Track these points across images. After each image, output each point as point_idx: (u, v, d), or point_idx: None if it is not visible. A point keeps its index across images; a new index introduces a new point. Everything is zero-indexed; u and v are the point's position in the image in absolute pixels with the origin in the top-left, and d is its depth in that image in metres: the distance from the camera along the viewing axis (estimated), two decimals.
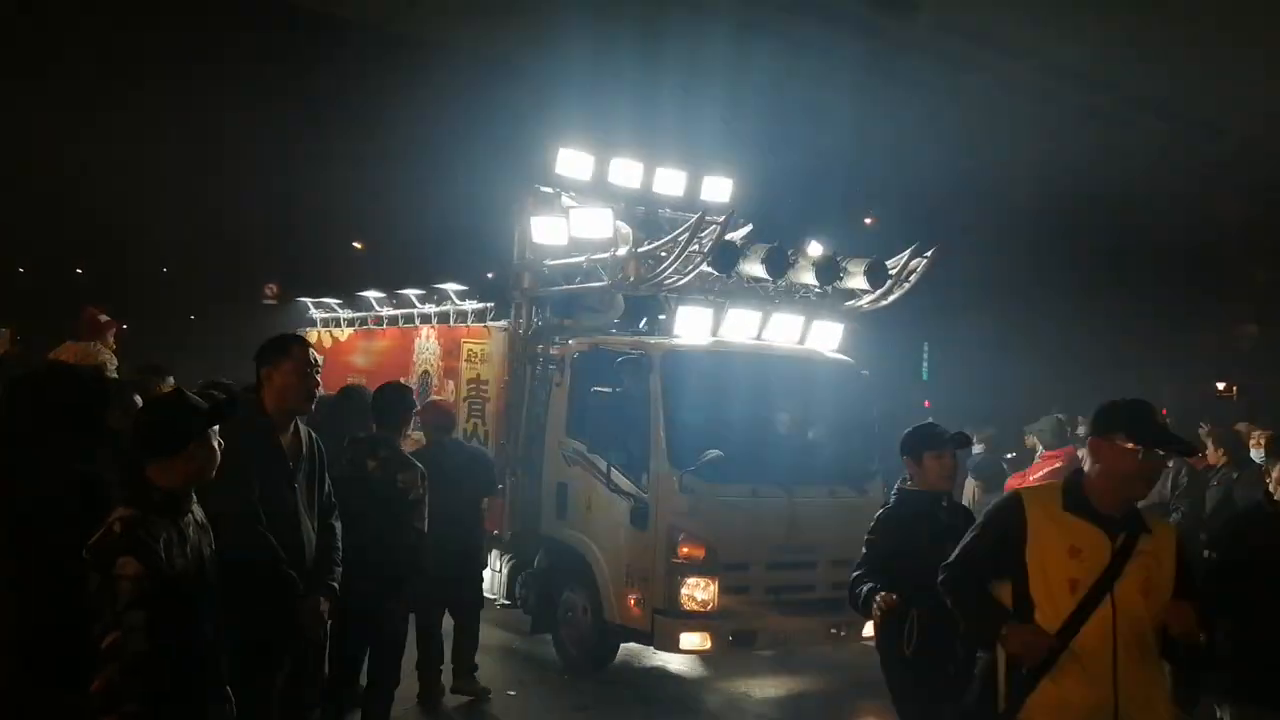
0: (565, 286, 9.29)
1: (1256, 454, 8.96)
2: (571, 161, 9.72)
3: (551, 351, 9.40)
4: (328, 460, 4.94)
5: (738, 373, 8.58)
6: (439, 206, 27.21)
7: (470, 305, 10.22)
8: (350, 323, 12.40)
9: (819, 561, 8.51)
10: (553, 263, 9.37)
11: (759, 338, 8.79)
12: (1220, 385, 27.63)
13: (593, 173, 9.79)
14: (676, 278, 8.33)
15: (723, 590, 8.04)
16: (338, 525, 4.85)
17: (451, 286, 10.44)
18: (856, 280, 8.92)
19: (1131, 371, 20.49)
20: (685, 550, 7.98)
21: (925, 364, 26.40)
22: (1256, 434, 9.90)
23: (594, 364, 8.99)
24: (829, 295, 9.36)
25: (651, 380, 8.24)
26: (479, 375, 9.95)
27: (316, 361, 4.74)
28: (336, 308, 12.72)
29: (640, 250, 8.44)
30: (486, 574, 9.58)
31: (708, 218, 8.84)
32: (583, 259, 9.00)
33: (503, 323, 9.72)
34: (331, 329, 12.77)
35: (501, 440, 9.51)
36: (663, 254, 8.47)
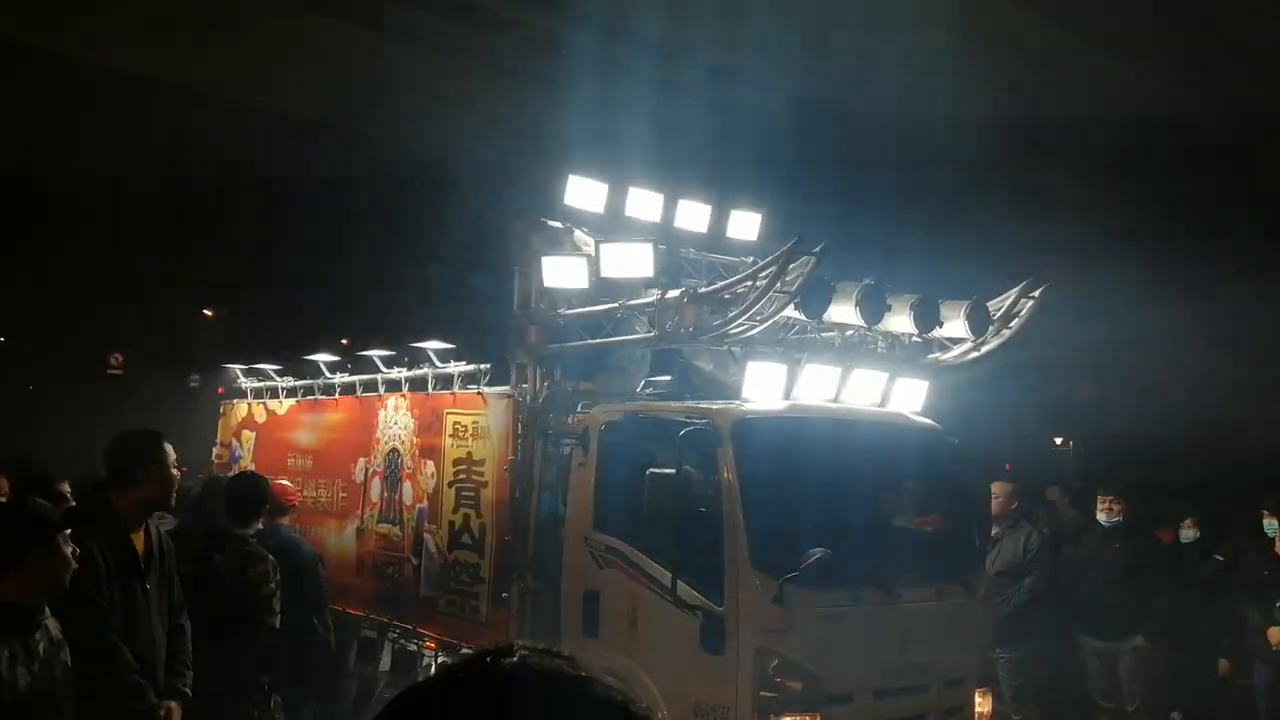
0: (592, 341, 7.37)
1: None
2: (583, 191, 7.89)
3: (570, 423, 7.46)
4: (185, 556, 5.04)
5: (823, 444, 6.76)
6: (401, 249, 24.64)
7: (456, 368, 8.22)
8: (293, 392, 10.24)
9: (931, 685, 6.69)
10: (571, 312, 7.46)
11: (837, 399, 6.99)
12: None
13: (607, 204, 7.97)
14: (749, 325, 6.48)
15: None
16: (187, 625, 4.79)
17: (432, 345, 8.42)
18: (954, 326, 7.21)
19: None
20: (782, 681, 6.07)
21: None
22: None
23: (629, 437, 7.11)
24: (907, 346, 7.64)
25: (721, 456, 6.36)
26: (469, 454, 7.93)
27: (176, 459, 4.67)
28: (274, 375, 10.54)
29: (702, 291, 6.58)
30: None
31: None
32: (615, 305, 7.11)
33: (503, 388, 7.74)
34: (266, 400, 10.58)
35: (506, 537, 7.49)
36: (725, 296, 6.64)
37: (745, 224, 8.58)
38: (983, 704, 7.01)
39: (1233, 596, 8.60)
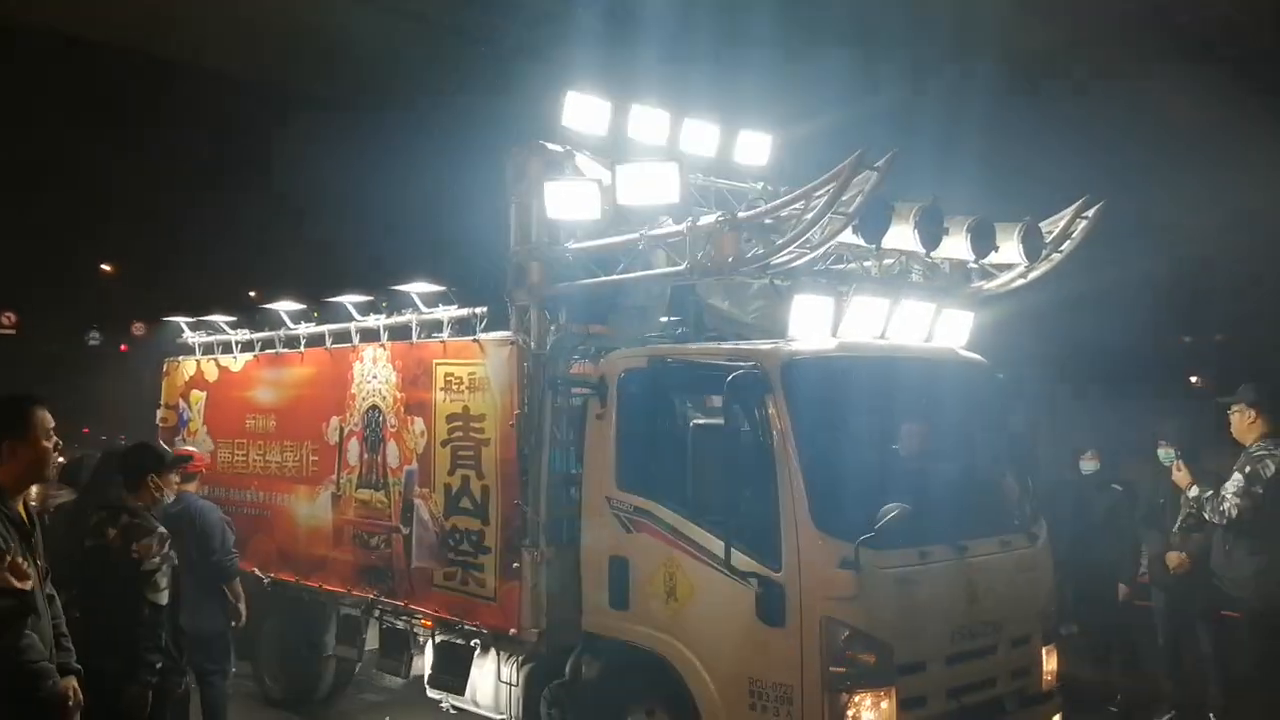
0: (608, 278, 6.52)
1: None
2: (583, 110, 7.01)
3: (583, 371, 6.65)
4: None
5: (879, 386, 6.02)
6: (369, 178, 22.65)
7: (447, 312, 7.31)
8: (249, 346, 9.22)
9: (999, 646, 6.07)
10: (581, 245, 6.60)
11: (883, 335, 6.26)
12: None
13: (610, 124, 7.09)
14: (798, 253, 5.69)
15: (901, 706, 5.49)
16: (58, 597, 4.51)
17: (417, 288, 7.49)
18: (1008, 251, 6.50)
19: None
20: (852, 654, 5.38)
21: None
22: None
23: (655, 385, 6.33)
24: (946, 275, 6.95)
25: (772, 403, 5.59)
26: (466, 408, 7.06)
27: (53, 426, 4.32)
28: (226, 328, 9.50)
29: (743, 216, 5.75)
30: (484, 686, 6.80)
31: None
32: (635, 236, 6.27)
33: (503, 334, 6.87)
34: (218, 357, 9.55)
35: (515, 500, 6.66)
36: (766, 221, 5.84)
37: (754, 147, 7.73)
38: (1049, 661, 6.43)
39: (1132, 524, 8.82)
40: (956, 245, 6.25)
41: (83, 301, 34.76)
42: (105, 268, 36.39)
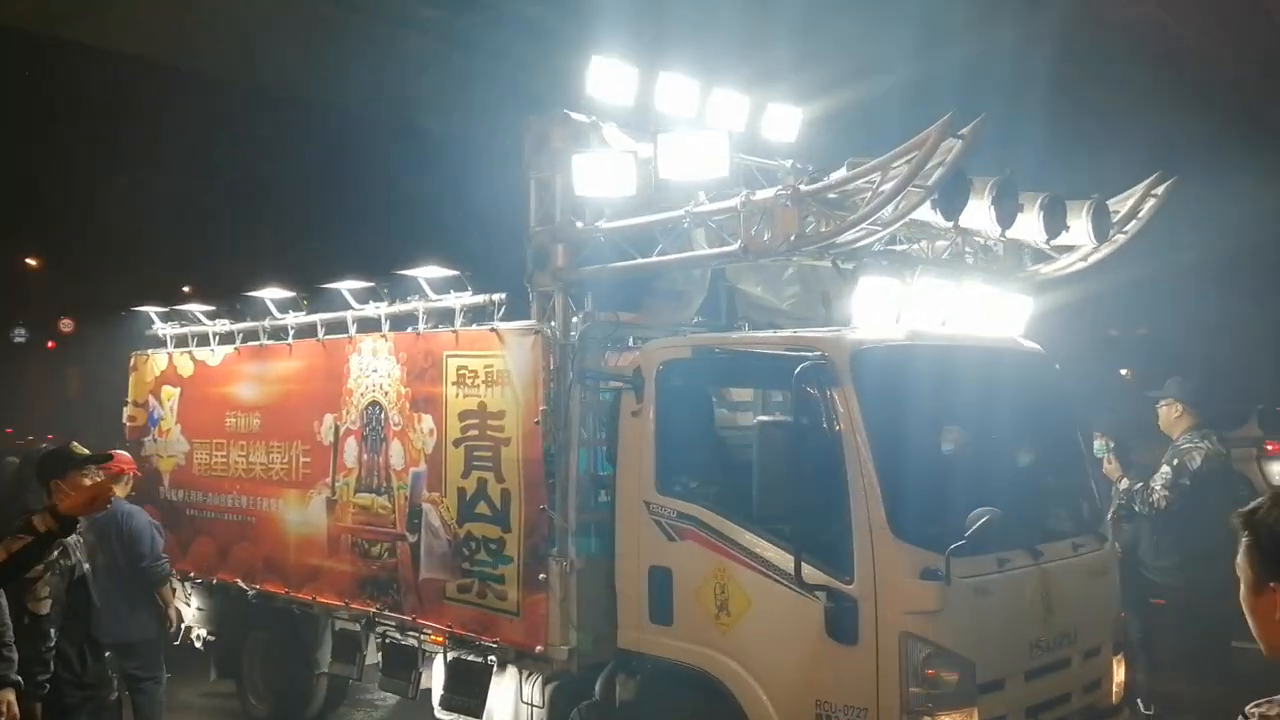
0: (646, 260, 5.94)
1: None
2: (609, 77, 6.41)
3: (619, 363, 6.08)
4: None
5: (950, 378, 5.51)
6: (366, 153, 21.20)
7: (459, 299, 6.68)
8: (229, 338, 8.52)
9: (1073, 657, 5.60)
10: (614, 225, 6.01)
11: (945, 322, 5.76)
12: None
13: (636, 93, 6.50)
14: (868, 231, 5.15)
15: None
16: None
17: (425, 272, 6.85)
18: (1077, 231, 6.02)
19: None
20: (934, 673, 4.87)
21: None
22: None
23: (698, 377, 5.79)
24: (999, 257, 6.46)
25: (839, 396, 5.06)
26: (482, 405, 6.45)
27: None
28: (202, 318, 8.78)
29: (806, 189, 5.19)
30: (504, 707, 6.23)
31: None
32: (679, 213, 5.69)
33: (525, 323, 6.27)
34: (192, 350, 8.84)
35: (541, 506, 6.07)
36: (830, 195, 5.30)
37: (783, 121, 7.19)
38: (1119, 672, 5.97)
39: None
40: (1023, 224, 5.74)
41: (6, 297, 33.48)
42: (30, 262, 35.05)
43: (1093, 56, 13.51)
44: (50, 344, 34.28)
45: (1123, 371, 22.65)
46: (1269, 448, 11.52)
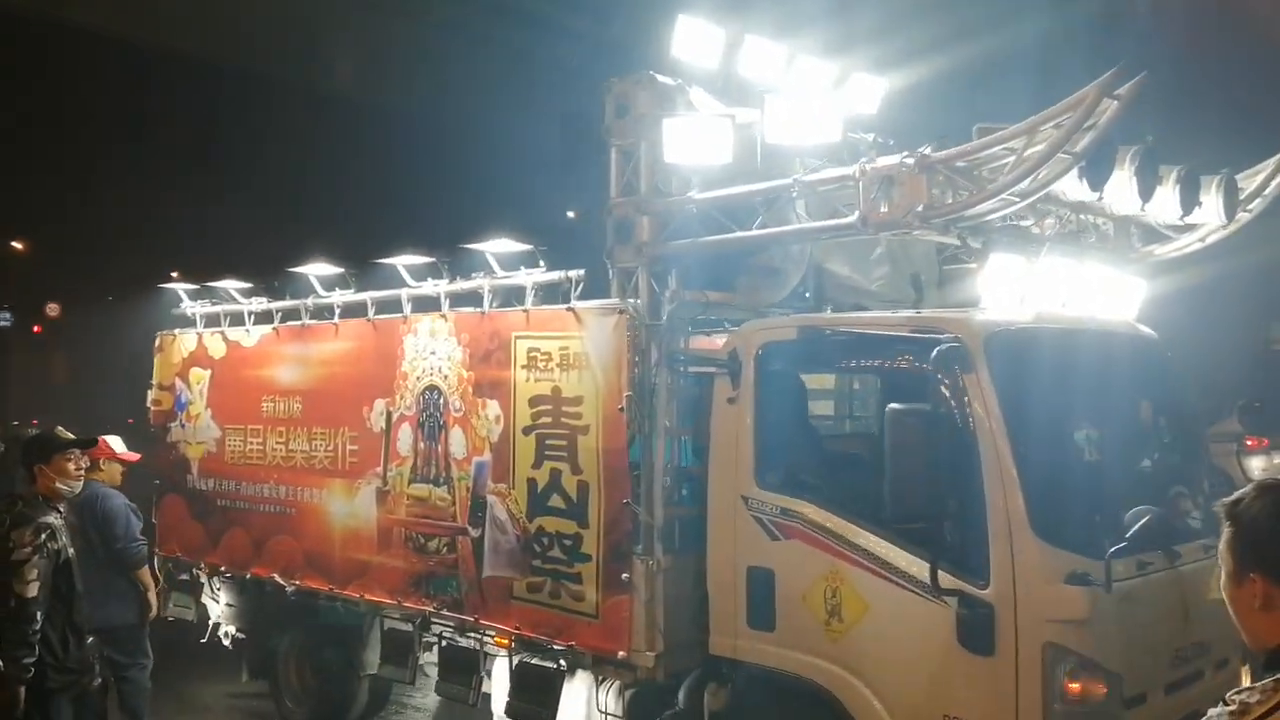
0: (747, 234, 5.46)
1: None
2: (696, 38, 5.95)
3: (707, 347, 5.62)
4: None
5: (1082, 365, 5.05)
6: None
7: (531, 276, 6.20)
8: (265, 317, 8.02)
9: (1206, 670, 5.17)
10: (710, 195, 5.54)
11: (1066, 303, 5.32)
12: None
13: (722, 57, 6.05)
14: (1004, 203, 4.69)
15: None
16: None
17: (493, 246, 6.37)
18: (1209, 207, 5.57)
19: None
20: (1080, 687, 4.43)
21: None
22: None
23: (808, 361, 5.32)
24: (1109, 236, 6.02)
25: (972, 384, 4.60)
26: (557, 390, 5.98)
27: None
28: (237, 296, 8.28)
29: (937, 155, 4.72)
30: (577, 716, 5.79)
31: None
32: (787, 182, 5.22)
33: (608, 302, 5.80)
34: (225, 330, 8.34)
35: (624, 500, 5.60)
36: (959, 164, 4.83)
37: (865, 92, 6.75)
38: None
39: None
40: (1166, 199, 5.29)
41: None
42: (16, 245, 34.35)
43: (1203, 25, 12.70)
44: (36, 328, 33.69)
45: None
46: (1249, 443, 11.30)
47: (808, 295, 6.12)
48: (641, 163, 5.74)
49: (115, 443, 7.32)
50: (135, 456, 7.48)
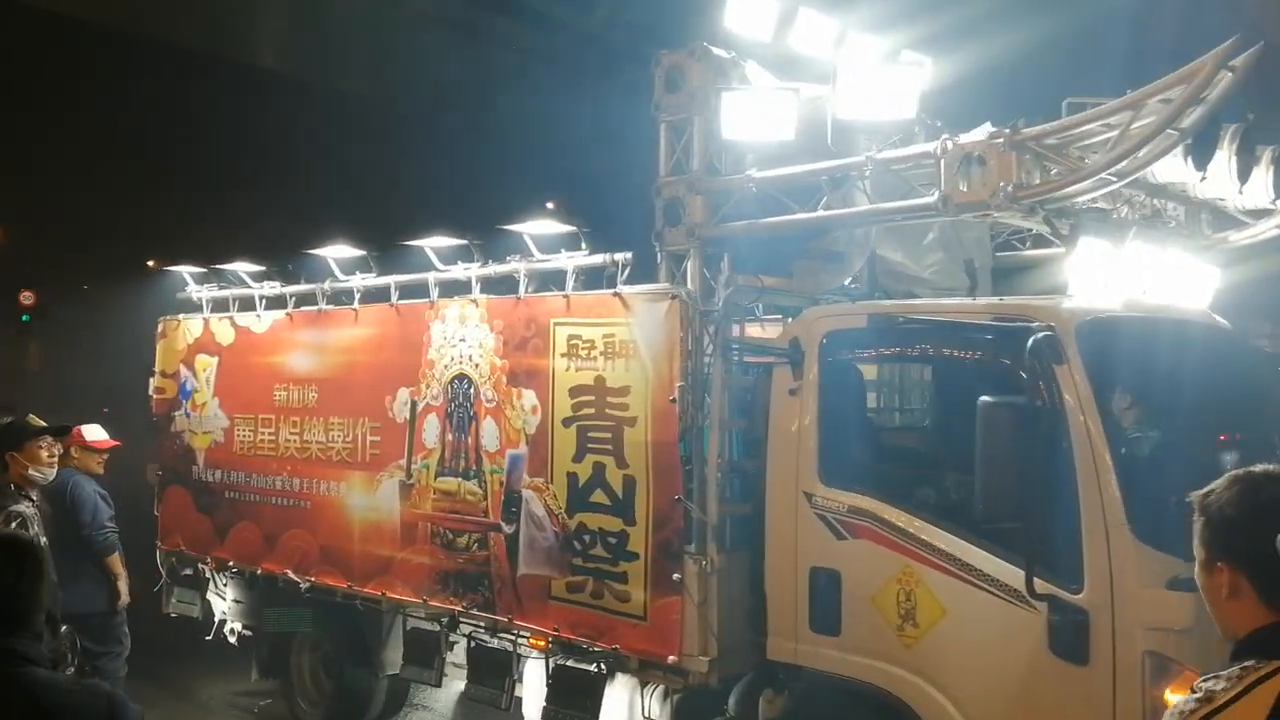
0: (810, 215, 5.15)
1: None
2: (750, 9, 5.64)
3: (779, 334, 5.33)
4: None
5: (1173, 357, 4.77)
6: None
7: (572, 260, 5.88)
8: (278, 302, 7.66)
9: None
10: (771, 174, 5.23)
11: (1146, 291, 5.05)
12: None
13: (775, 30, 5.74)
14: (1100, 183, 4.40)
15: None
16: None
17: (532, 227, 6.04)
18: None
19: None
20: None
21: None
22: None
23: (878, 350, 5.04)
24: (1180, 221, 5.75)
25: (1064, 373, 4.31)
26: (600, 379, 5.66)
27: None
28: (247, 279, 7.91)
29: (1029, 131, 4.42)
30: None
31: None
32: (859, 159, 4.92)
33: (659, 286, 5.48)
34: (234, 315, 7.97)
35: (676, 496, 5.30)
36: (1050, 141, 4.53)
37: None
38: None
39: None
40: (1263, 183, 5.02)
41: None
42: None
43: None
44: (23, 315, 32.94)
45: None
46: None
47: (854, 284, 5.86)
48: (694, 139, 5.43)
49: (92, 431, 7.08)
50: (111, 443, 7.20)
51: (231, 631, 8.16)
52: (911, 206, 4.82)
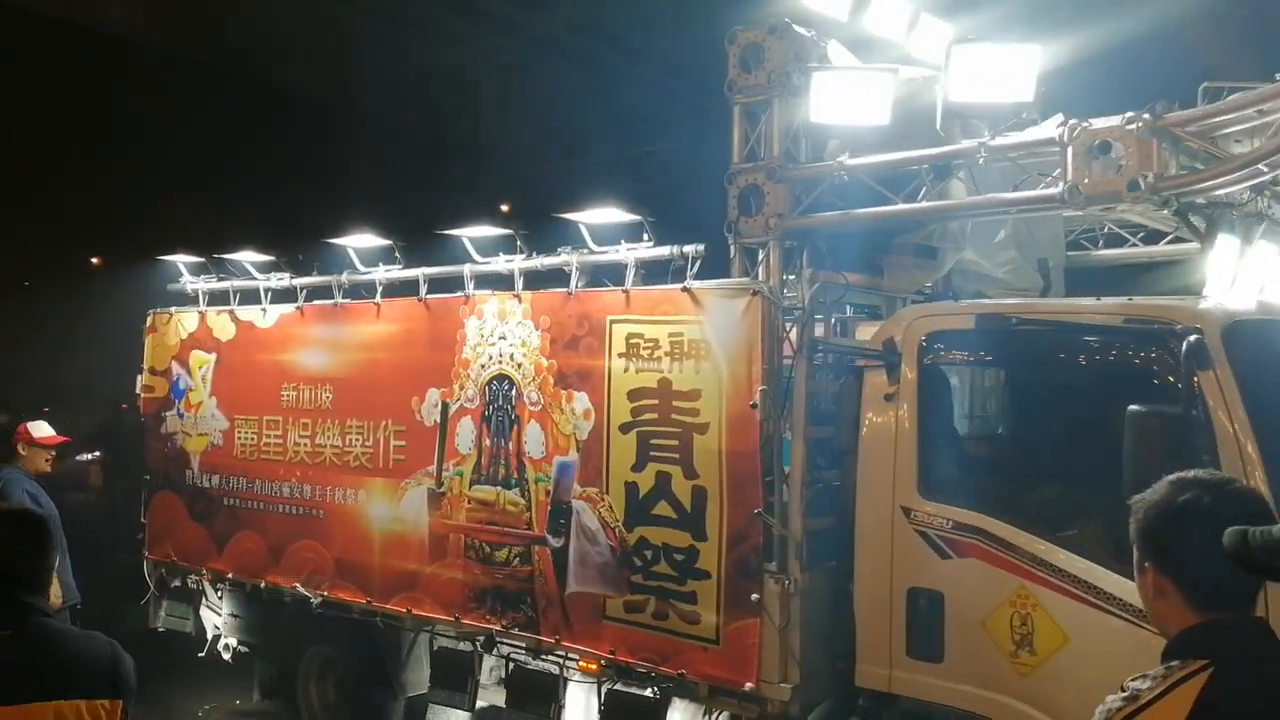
0: (911, 206, 4.74)
1: None
2: None
3: (872, 336, 4.93)
4: None
5: None
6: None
7: (633, 252, 5.43)
8: (286, 295, 7.12)
9: None
10: (864, 161, 4.81)
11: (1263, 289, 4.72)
12: None
13: (851, 8, 5.36)
14: (1255, 173, 4.05)
15: None
16: None
17: (591, 216, 5.58)
18: None
19: None
20: None
21: None
22: None
23: (988, 354, 4.66)
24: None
25: (1209, 381, 3.96)
26: (666, 382, 5.22)
27: None
28: (252, 270, 7.34)
29: (1173, 117, 4.06)
30: None
31: None
32: (971, 145, 4.53)
33: (736, 281, 5.06)
34: (235, 309, 7.41)
35: (756, 510, 4.88)
36: (1193, 128, 4.17)
37: None
38: None
39: None
40: None
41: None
42: None
43: None
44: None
45: None
46: None
47: (930, 285, 5.49)
48: (774, 123, 5.00)
49: (38, 427, 6.72)
50: (59, 439, 6.86)
51: (226, 647, 7.62)
52: (1035, 198, 4.43)
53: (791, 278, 5.05)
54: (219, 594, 7.57)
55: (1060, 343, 4.48)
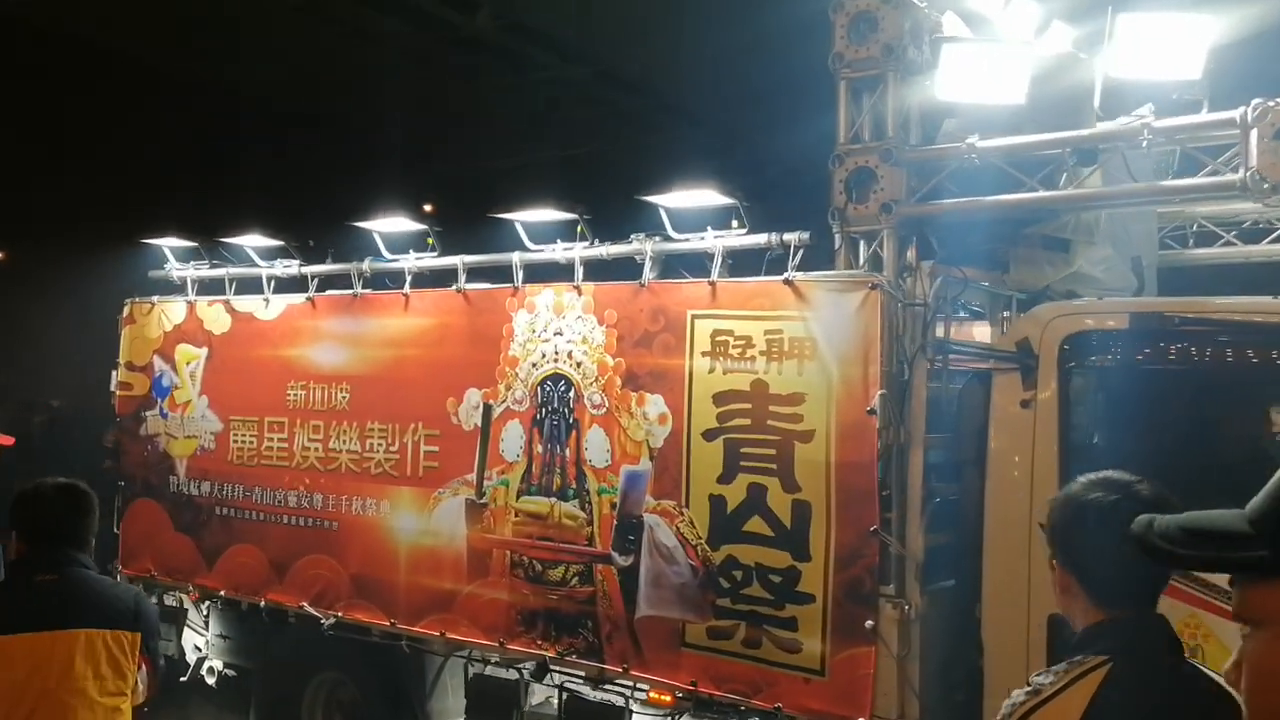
0: (1056, 194, 4.30)
1: None
2: None
3: (1002, 337, 4.49)
4: None
5: None
6: None
7: (721, 239, 4.90)
8: (294, 284, 6.44)
9: None
10: (998, 144, 4.36)
11: None
12: None
13: None
14: None
15: None
16: None
17: (672, 200, 5.03)
18: None
19: None
20: None
21: None
22: None
23: (1145, 359, 4.25)
24: None
25: None
26: (761, 384, 4.71)
27: None
28: (254, 256, 6.64)
29: None
30: None
31: None
32: (1134, 120, 4.10)
33: (852, 273, 4.57)
34: (230, 299, 6.70)
35: (873, 527, 4.40)
36: None
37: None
38: None
39: None
40: None
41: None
42: None
43: None
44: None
45: None
46: None
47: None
48: (888, 101, 4.53)
49: None
50: (4, 440, 6.54)
51: (211, 671, 6.91)
52: (1209, 185, 4.02)
53: (906, 271, 4.58)
54: (204, 613, 6.86)
55: (1232, 345, 4.09)
